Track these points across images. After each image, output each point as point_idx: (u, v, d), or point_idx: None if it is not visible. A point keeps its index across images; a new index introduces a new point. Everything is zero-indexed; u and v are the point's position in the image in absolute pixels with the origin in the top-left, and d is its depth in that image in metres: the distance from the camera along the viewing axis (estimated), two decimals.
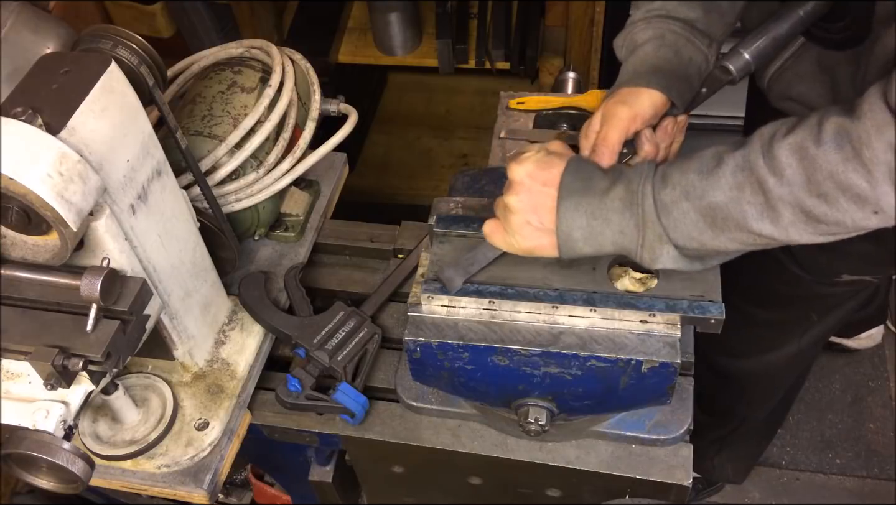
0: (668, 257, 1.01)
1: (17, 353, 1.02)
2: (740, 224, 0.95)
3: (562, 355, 1.09)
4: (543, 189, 1.04)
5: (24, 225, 0.94)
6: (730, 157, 0.95)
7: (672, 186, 0.98)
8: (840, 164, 0.87)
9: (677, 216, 0.98)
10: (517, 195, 1.05)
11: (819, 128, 0.89)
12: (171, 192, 1.15)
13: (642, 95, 1.12)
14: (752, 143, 0.95)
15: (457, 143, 2.94)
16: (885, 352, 2.56)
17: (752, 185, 0.93)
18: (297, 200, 1.53)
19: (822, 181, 0.88)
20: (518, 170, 1.06)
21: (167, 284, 1.16)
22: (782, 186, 0.91)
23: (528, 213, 1.05)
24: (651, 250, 1.01)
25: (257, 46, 1.48)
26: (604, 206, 1.01)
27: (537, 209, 1.04)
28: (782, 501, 2.35)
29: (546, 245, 1.06)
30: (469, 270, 1.14)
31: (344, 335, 1.31)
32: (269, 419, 1.34)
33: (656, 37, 1.16)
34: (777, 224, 0.93)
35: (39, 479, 1.04)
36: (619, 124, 1.10)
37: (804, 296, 1.56)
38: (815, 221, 0.92)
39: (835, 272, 1.47)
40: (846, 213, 0.90)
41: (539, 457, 1.26)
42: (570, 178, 1.04)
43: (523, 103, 1.59)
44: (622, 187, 1.01)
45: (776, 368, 1.78)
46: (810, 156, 0.89)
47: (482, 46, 2.47)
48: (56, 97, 0.95)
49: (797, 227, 0.93)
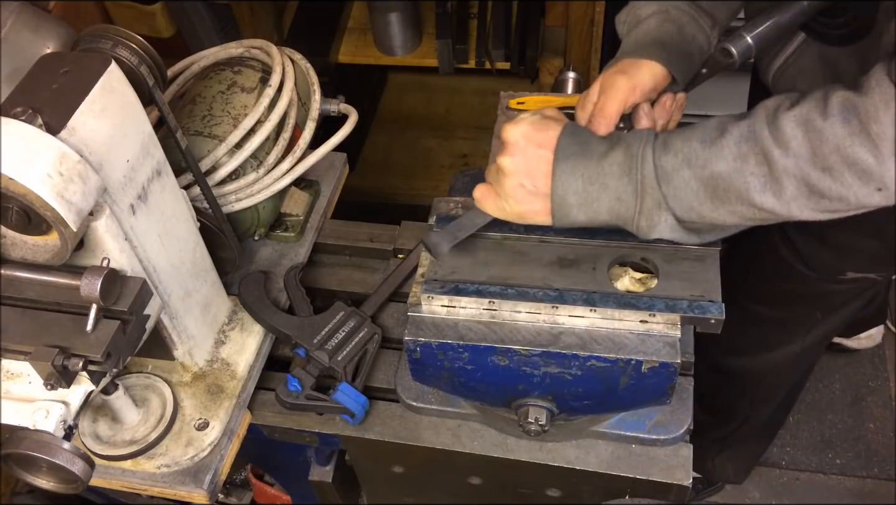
0: (665, 226, 0.99)
1: (17, 353, 1.02)
2: (742, 196, 0.94)
3: (562, 355, 1.09)
4: (539, 151, 1.01)
5: (24, 225, 0.94)
6: (734, 127, 0.94)
7: (674, 153, 0.96)
8: (847, 138, 0.86)
9: (678, 184, 0.96)
10: (511, 156, 1.03)
11: (825, 101, 0.88)
12: (171, 192, 1.15)
13: (643, 67, 1.10)
14: (756, 114, 0.93)
15: (457, 143, 2.94)
16: (885, 352, 2.56)
17: (756, 155, 0.91)
18: (297, 200, 1.53)
19: (828, 154, 0.87)
20: (513, 130, 1.03)
21: (167, 284, 1.16)
22: (787, 158, 0.90)
23: (521, 176, 1.02)
24: (649, 217, 0.99)
25: (257, 46, 1.48)
26: (601, 171, 0.99)
27: (531, 172, 1.02)
28: (782, 501, 2.35)
29: (539, 210, 1.03)
30: (457, 236, 1.11)
31: (344, 335, 1.31)
32: (269, 419, 1.34)
33: (660, 11, 1.14)
34: (780, 197, 0.92)
35: (39, 479, 1.04)
36: (618, 95, 1.07)
37: (809, 294, 1.56)
38: (817, 196, 0.91)
39: (839, 270, 1.46)
40: (850, 188, 0.89)
41: (539, 457, 1.26)
42: (566, 140, 1.01)
43: (523, 103, 1.58)
44: (621, 151, 0.99)
45: (780, 366, 1.77)
46: (816, 128, 0.88)
47: (482, 46, 2.47)
48: (56, 97, 0.95)
49: (799, 202, 0.92)
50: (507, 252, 1.17)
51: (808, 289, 1.53)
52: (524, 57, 2.45)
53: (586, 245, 1.16)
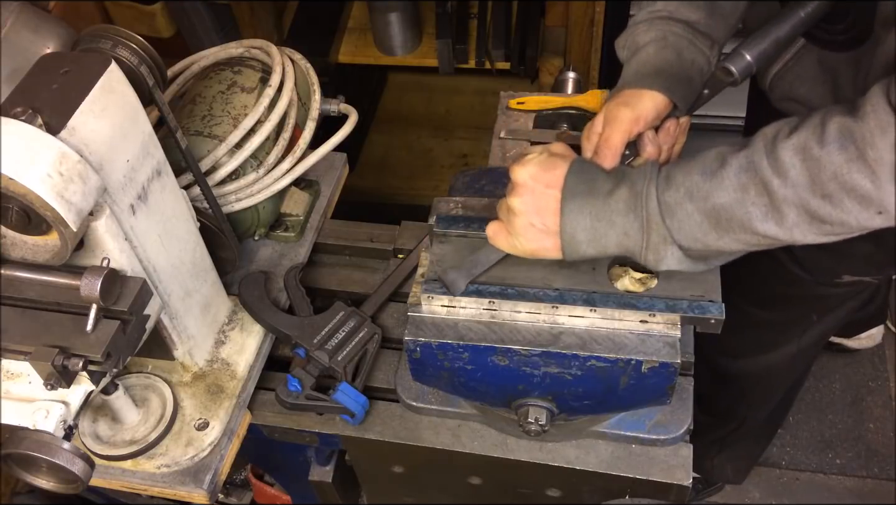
0: (672, 259, 1.01)
1: (17, 353, 1.02)
2: (745, 225, 0.95)
3: (562, 355, 1.09)
4: (547, 191, 1.04)
5: (24, 225, 0.94)
6: (733, 158, 0.95)
7: (676, 188, 0.98)
8: (844, 165, 0.87)
9: (681, 217, 0.98)
10: (520, 197, 1.05)
11: (822, 128, 0.89)
12: (171, 192, 1.15)
13: (644, 97, 1.12)
14: (755, 143, 0.95)
15: (457, 143, 2.94)
16: (885, 352, 2.56)
17: (756, 186, 0.93)
18: (297, 200, 1.53)
19: (827, 182, 0.88)
20: (521, 172, 1.05)
21: (167, 284, 1.16)
22: (786, 188, 0.91)
23: (531, 216, 1.05)
24: (656, 252, 1.01)
25: (257, 46, 1.48)
26: (608, 208, 1.01)
27: (540, 211, 1.04)
28: (782, 501, 2.35)
29: (550, 247, 1.06)
30: (472, 273, 1.14)
31: (344, 335, 1.31)
32: (269, 419, 1.34)
33: (658, 38, 1.16)
34: (782, 225, 0.93)
35: (39, 479, 1.04)
36: (622, 126, 1.10)
37: (805, 296, 1.56)
38: (819, 222, 0.92)
39: (836, 273, 1.47)
40: (850, 213, 0.90)
41: (539, 457, 1.26)
42: (573, 179, 1.04)
43: (523, 103, 1.59)
44: (626, 189, 1.01)
45: (776, 368, 1.78)
46: (814, 156, 0.89)
47: (482, 46, 2.47)
48: (56, 97, 0.95)
49: (801, 228, 0.93)
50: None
51: (804, 291, 1.54)
52: (524, 57, 2.45)
53: None
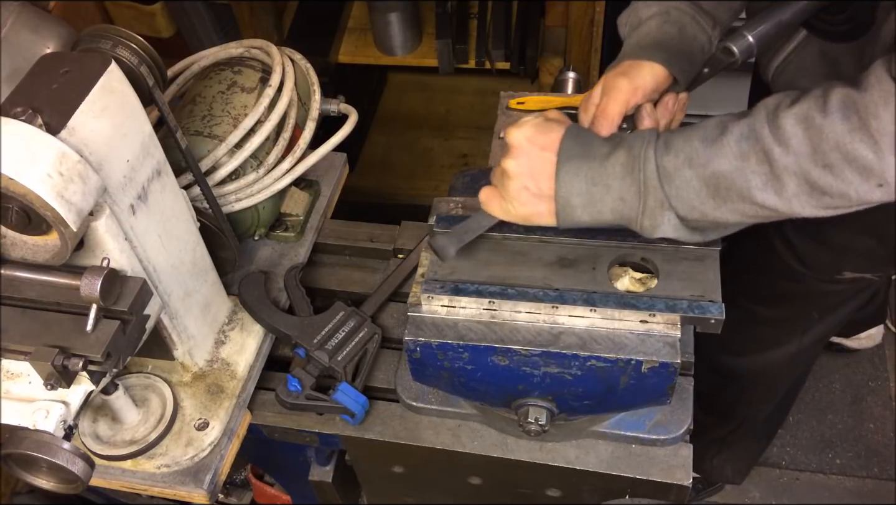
0: (668, 225, 1.00)
1: (17, 353, 1.02)
2: (744, 194, 0.94)
3: (562, 355, 1.09)
4: (542, 153, 1.02)
5: (24, 225, 0.94)
6: (735, 126, 0.94)
7: (675, 153, 0.97)
8: (846, 135, 0.87)
9: (679, 184, 0.97)
10: (515, 159, 1.04)
11: (825, 98, 0.89)
12: (171, 192, 1.15)
13: (644, 68, 1.11)
14: (756, 112, 0.94)
15: (457, 143, 2.94)
16: (885, 352, 2.56)
17: (757, 154, 0.92)
18: (297, 200, 1.53)
19: (828, 151, 0.88)
20: (516, 134, 1.04)
21: (167, 284, 1.16)
22: (788, 156, 0.90)
23: (525, 178, 1.03)
24: (652, 217, 1.00)
25: (257, 46, 1.48)
26: (604, 172, 1.00)
27: (535, 174, 1.03)
28: (782, 501, 2.35)
29: (543, 212, 1.04)
30: (463, 239, 1.12)
31: (344, 335, 1.31)
32: (269, 419, 1.34)
33: (661, 13, 1.15)
34: (781, 195, 0.93)
35: (39, 479, 1.04)
36: (620, 96, 1.08)
37: (806, 293, 1.56)
38: (819, 193, 0.91)
39: (837, 269, 1.47)
40: (851, 184, 0.89)
41: (539, 457, 1.26)
42: (569, 142, 1.02)
43: (523, 103, 1.59)
44: (623, 152, 0.99)
45: (777, 366, 1.78)
46: (816, 125, 0.88)
47: (482, 46, 2.47)
48: (56, 97, 0.95)
49: (801, 199, 0.92)
50: (507, 252, 1.17)
51: (805, 288, 1.54)
52: (524, 57, 2.45)
53: (586, 245, 1.16)
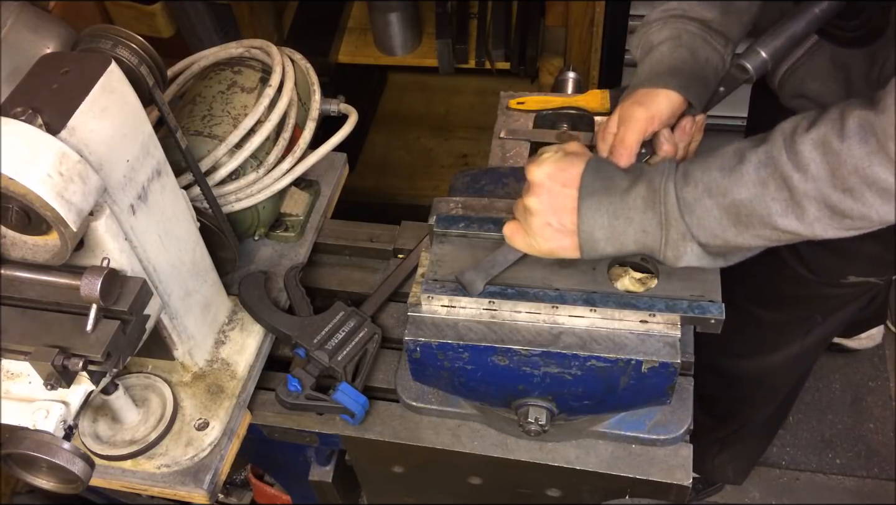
0: (692, 255, 1.01)
1: (17, 353, 1.02)
2: (765, 221, 0.94)
3: (562, 355, 1.09)
4: (563, 190, 1.03)
5: (24, 225, 0.94)
6: (752, 154, 0.94)
7: (694, 184, 0.97)
8: (865, 159, 0.86)
9: (700, 214, 0.97)
10: (537, 197, 1.05)
11: (842, 122, 0.89)
12: (171, 192, 1.15)
13: (659, 96, 1.11)
14: (773, 138, 0.94)
15: (457, 143, 2.94)
16: (885, 352, 2.56)
17: (776, 181, 0.92)
18: (297, 200, 1.53)
19: (847, 176, 0.88)
20: (537, 171, 1.05)
21: (167, 284, 1.16)
22: (807, 182, 0.90)
23: (548, 215, 1.04)
24: (675, 249, 1.00)
25: (257, 46, 1.48)
26: (625, 206, 1.00)
27: (557, 211, 1.04)
28: (782, 501, 2.35)
29: (568, 246, 1.05)
30: (490, 273, 1.13)
31: (344, 335, 1.31)
32: (269, 419, 1.34)
33: (672, 37, 1.15)
34: (802, 220, 0.93)
35: (39, 479, 1.04)
36: (637, 126, 1.09)
37: (809, 297, 1.56)
38: (840, 216, 0.91)
39: (841, 274, 1.46)
40: (872, 207, 0.89)
41: (539, 457, 1.26)
42: (590, 178, 1.03)
43: (523, 103, 1.58)
44: (644, 186, 1.00)
45: (779, 368, 1.77)
46: (834, 150, 0.88)
47: (482, 46, 2.47)
48: (56, 97, 0.95)
49: (822, 223, 0.93)
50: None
51: (808, 292, 1.53)
52: (524, 57, 2.45)
53: None
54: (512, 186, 1.32)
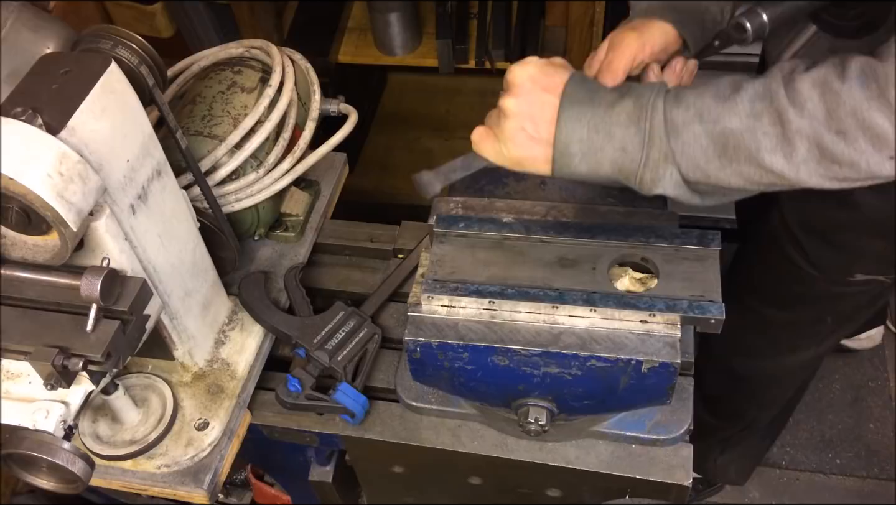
0: (669, 181, 0.97)
1: (17, 353, 1.02)
2: (752, 155, 0.92)
3: (562, 355, 1.09)
4: (544, 95, 0.99)
5: (24, 225, 0.94)
6: (749, 85, 0.93)
7: (686, 107, 0.94)
8: (864, 102, 0.86)
9: (687, 139, 0.94)
10: (515, 98, 1.00)
11: (843, 66, 0.88)
12: (171, 192, 1.15)
13: (654, 26, 1.08)
14: (772, 74, 0.92)
15: (457, 143, 2.94)
16: (885, 352, 2.56)
17: (770, 114, 0.90)
18: (297, 200, 1.53)
19: (844, 117, 0.87)
20: (519, 72, 1.00)
21: (167, 284, 1.16)
22: (802, 118, 0.89)
23: (524, 119, 0.99)
24: (654, 170, 0.96)
25: (257, 46, 1.48)
26: (608, 119, 0.96)
27: (534, 117, 0.99)
28: (782, 501, 2.35)
29: (538, 157, 1.00)
30: (449, 177, 1.08)
31: (344, 335, 1.31)
32: (269, 419, 1.34)
33: None
34: (790, 159, 0.91)
35: (39, 479, 1.04)
36: (627, 51, 1.04)
37: (818, 296, 1.55)
38: (828, 161, 0.90)
39: (848, 271, 1.46)
40: (863, 154, 0.88)
41: (539, 457, 1.26)
42: (574, 87, 0.99)
43: None
44: (630, 101, 0.96)
45: (791, 370, 1.77)
46: (833, 90, 0.87)
47: (482, 46, 2.47)
48: (56, 97, 0.95)
49: (809, 166, 0.91)
50: (507, 252, 1.17)
51: (816, 291, 1.52)
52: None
53: (586, 245, 1.17)
54: (512, 186, 1.32)
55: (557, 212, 1.26)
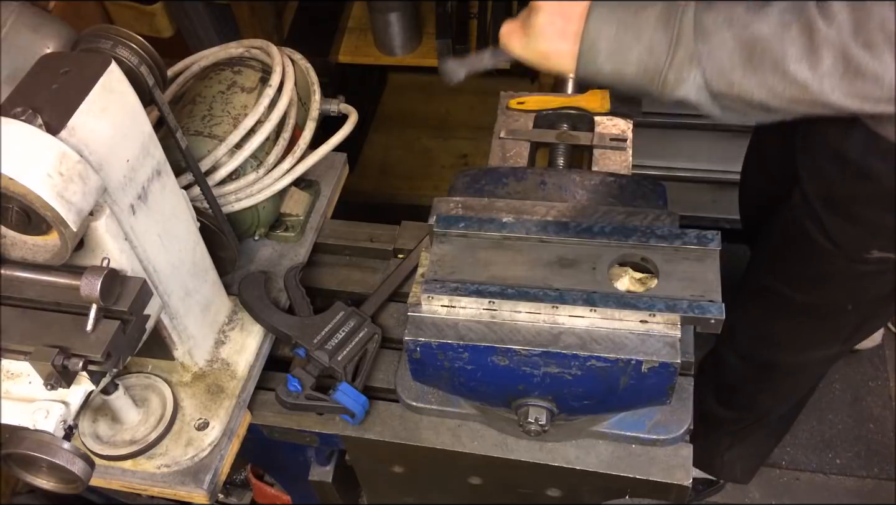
0: (693, 84, 0.99)
1: (17, 353, 1.02)
2: (777, 63, 0.94)
3: (562, 355, 1.09)
4: None
5: (24, 225, 0.94)
6: None
7: (717, 11, 0.96)
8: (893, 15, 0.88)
9: (715, 44, 0.96)
10: None
11: None
12: (171, 192, 1.15)
13: None
14: None
15: (457, 143, 2.94)
16: (885, 352, 2.56)
17: (799, 24, 0.92)
18: (297, 200, 1.53)
19: (873, 29, 0.89)
20: None
21: (167, 284, 1.16)
22: (830, 28, 0.91)
23: (554, 13, 1.02)
24: (678, 71, 0.98)
25: (257, 46, 1.48)
26: (638, 19, 0.98)
27: (565, 12, 1.01)
28: (782, 501, 2.35)
29: (565, 52, 1.02)
30: (475, 66, 1.11)
31: (344, 335, 1.31)
32: (269, 419, 1.34)
33: None
34: (815, 69, 0.93)
35: (39, 479, 1.04)
36: None
37: (837, 274, 1.54)
38: (853, 74, 0.91)
39: (864, 247, 1.46)
40: (888, 68, 0.90)
41: (539, 457, 1.26)
42: None
43: (523, 103, 1.59)
44: (662, 4, 0.98)
45: (814, 365, 1.77)
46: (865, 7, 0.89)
47: (482, 46, 2.47)
48: (56, 97, 0.95)
49: (833, 79, 0.93)
50: (507, 252, 1.17)
51: (835, 269, 1.52)
52: None
53: (586, 245, 1.16)
54: (512, 186, 1.32)
55: (557, 212, 1.26)
